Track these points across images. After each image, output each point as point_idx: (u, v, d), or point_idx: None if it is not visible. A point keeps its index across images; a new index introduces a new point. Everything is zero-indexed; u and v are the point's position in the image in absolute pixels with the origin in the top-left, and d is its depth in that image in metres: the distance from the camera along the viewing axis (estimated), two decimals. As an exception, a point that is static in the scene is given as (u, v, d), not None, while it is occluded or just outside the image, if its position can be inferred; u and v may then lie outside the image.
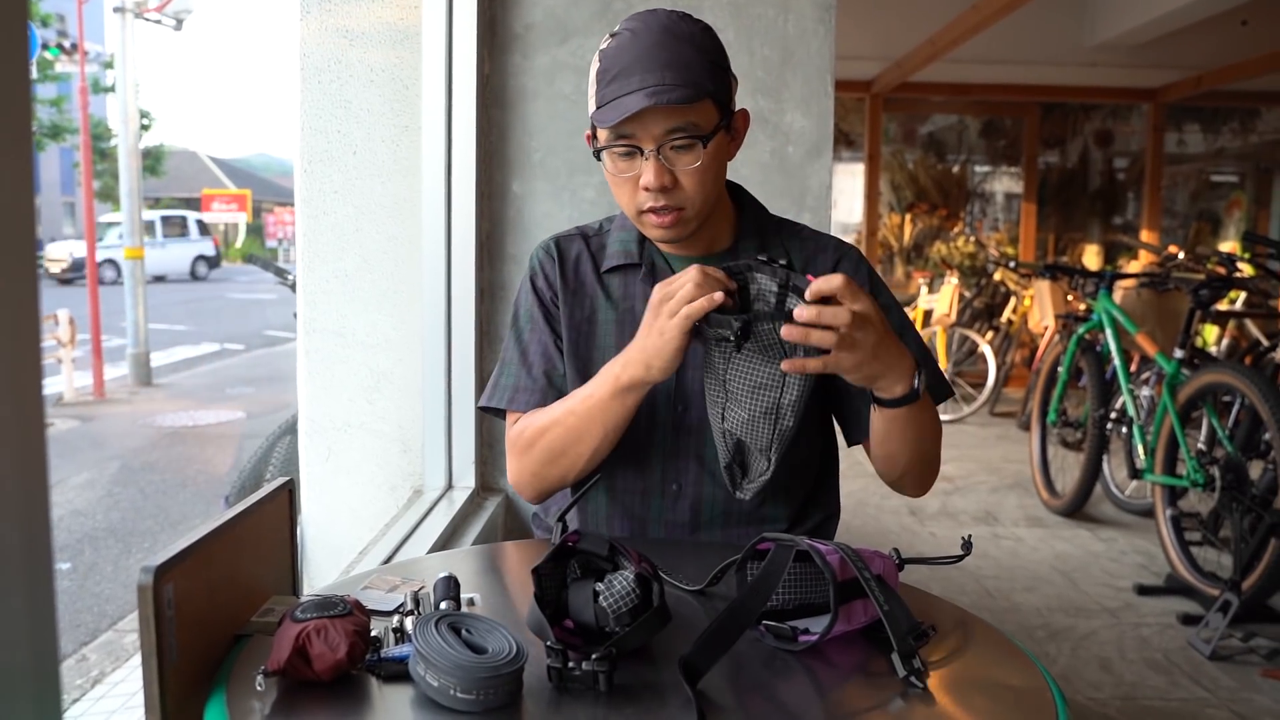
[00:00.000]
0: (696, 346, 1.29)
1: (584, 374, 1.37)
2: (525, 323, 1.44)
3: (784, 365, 1.14)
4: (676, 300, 1.16)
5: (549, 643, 0.89)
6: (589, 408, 1.29)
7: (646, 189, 1.28)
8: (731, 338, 1.14)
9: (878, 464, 1.36)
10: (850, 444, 1.44)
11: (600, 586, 0.96)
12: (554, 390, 1.39)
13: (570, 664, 0.88)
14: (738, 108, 1.35)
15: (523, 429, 1.38)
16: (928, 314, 7.40)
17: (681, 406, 1.37)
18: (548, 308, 1.43)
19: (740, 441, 1.25)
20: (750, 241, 1.40)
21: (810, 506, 1.45)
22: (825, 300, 1.11)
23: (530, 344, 1.42)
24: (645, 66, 1.23)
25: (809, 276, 1.12)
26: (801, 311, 1.10)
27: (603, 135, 1.29)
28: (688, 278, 1.16)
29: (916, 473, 1.36)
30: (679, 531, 1.39)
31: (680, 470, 1.37)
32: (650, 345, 1.21)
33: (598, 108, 1.28)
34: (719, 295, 1.14)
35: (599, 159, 1.32)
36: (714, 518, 1.39)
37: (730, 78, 1.33)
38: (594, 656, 0.88)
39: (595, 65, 1.30)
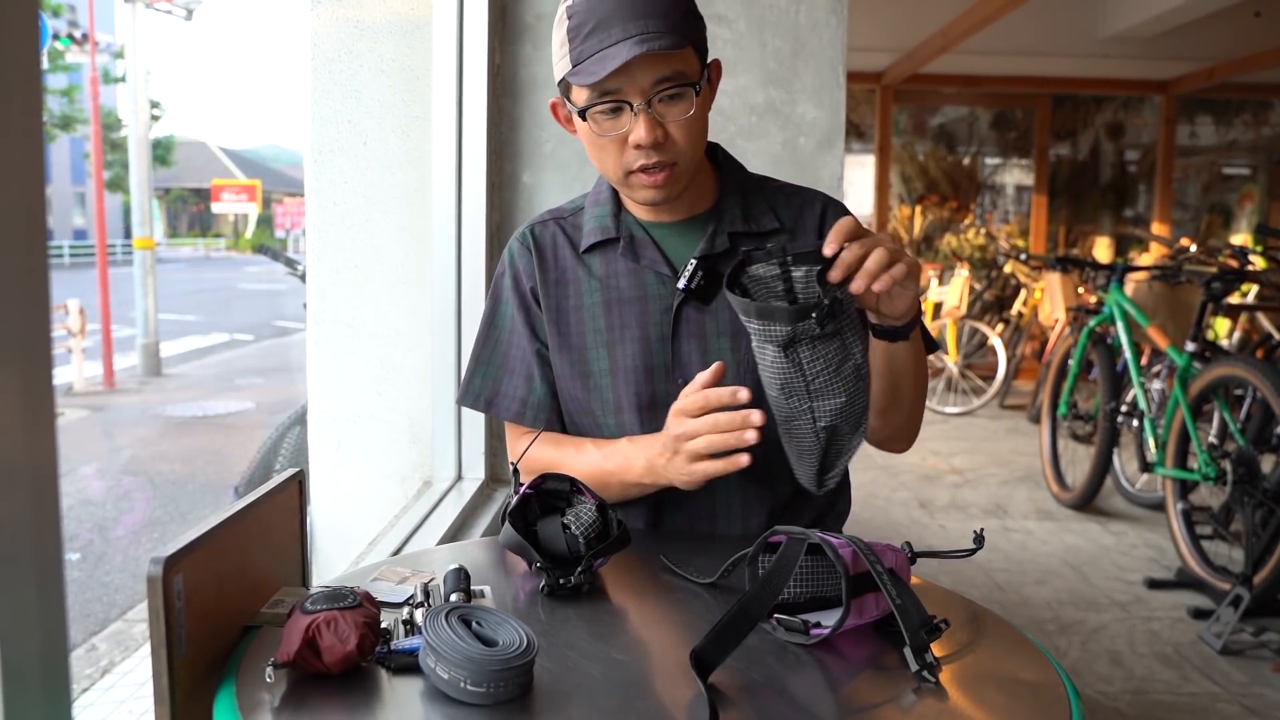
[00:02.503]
0: (686, 313, 1.30)
1: (579, 364, 1.34)
2: (505, 322, 1.40)
3: (876, 286, 1.06)
4: (696, 447, 1.17)
5: (537, 564, 1.08)
6: (604, 480, 1.28)
7: (639, 146, 1.21)
8: (817, 330, 1.06)
9: (876, 418, 1.29)
10: None
11: (569, 519, 1.11)
12: (535, 398, 1.37)
13: (561, 579, 1.06)
14: (712, 59, 1.29)
15: (534, 457, 1.35)
16: (938, 306, 7.39)
17: (682, 380, 1.31)
18: (529, 309, 1.38)
19: (833, 433, 1.16)
20: (732, 200, 1.35)
21: None
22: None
23: (511, 349, 1.39)
24: (624, 16, 1.16)
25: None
26: (846, 254, 1.05)
27: (581, 96, 1.22)
28: (705, 426, 1.16)
29: (912, 416, 1.34)
30: (697, 517, 1.35)
31: None
32: (668, 477, 1.23)
33: (574, 66, 1.20)
34: (744, 459, 1.15)
35: (581, 117, 1.23)
36: (730, 499, 1.34)
37: (704, 24, 1.27)
38: (579, 570, 1.07)
39: (564, 24, 1.22)
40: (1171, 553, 3.71)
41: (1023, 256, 6.81)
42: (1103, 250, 8.44)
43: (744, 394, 1.14)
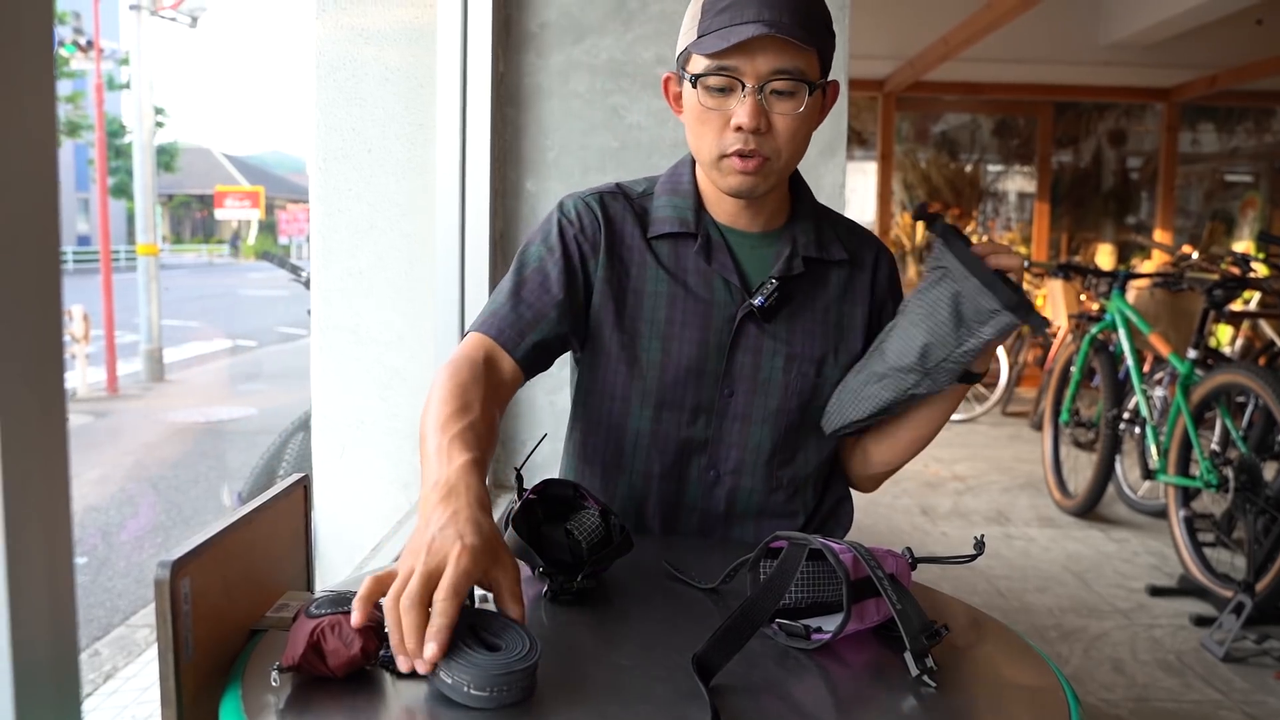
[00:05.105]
0: (748, 327, 1.31)
1: (630, 348, 1.31)
2: (529, 260, 1.32)
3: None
4: (439, 591, 0.87)
5: (539, 569, 1.08)
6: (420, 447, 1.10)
7: (739, 128, 1.21)
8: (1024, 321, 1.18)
9: (890, 453, 1.41)
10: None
11: (572, 525, 1.12)
12: (530, 336, 1.27)
13: (564, 585, 1.07)
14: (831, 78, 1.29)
15: (435, 379, 1.18)
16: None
17: (728, 391, 1.32)
18: (571, 264, 1.30)
19: (905, 399, 1.28)
20: (805, 223, 1.35)
21: (826, 493, 1.45)
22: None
23: (527, 283, 1.29)
24: (761, 2, 1.17)
25: None
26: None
27: (699, 66, 1.22)
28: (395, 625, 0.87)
29: (913, 457, 1.43)
30: (714, 522, 1.37)
31: (720, 458, 1.34)
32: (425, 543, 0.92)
33: (699, 36, 1.21)
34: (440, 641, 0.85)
35: (693, 84, 1.23)
36: (749, 509, 1.36)
37: (834, 45, 1.27)
38: (581, 576, 1.08)
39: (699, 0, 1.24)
40: (1174, 560, 3.71)
41: (1025, 264, 6.82)
42: (1105, 257, 8.44)
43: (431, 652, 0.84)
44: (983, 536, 1.13)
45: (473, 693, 0.82)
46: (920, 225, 1.31)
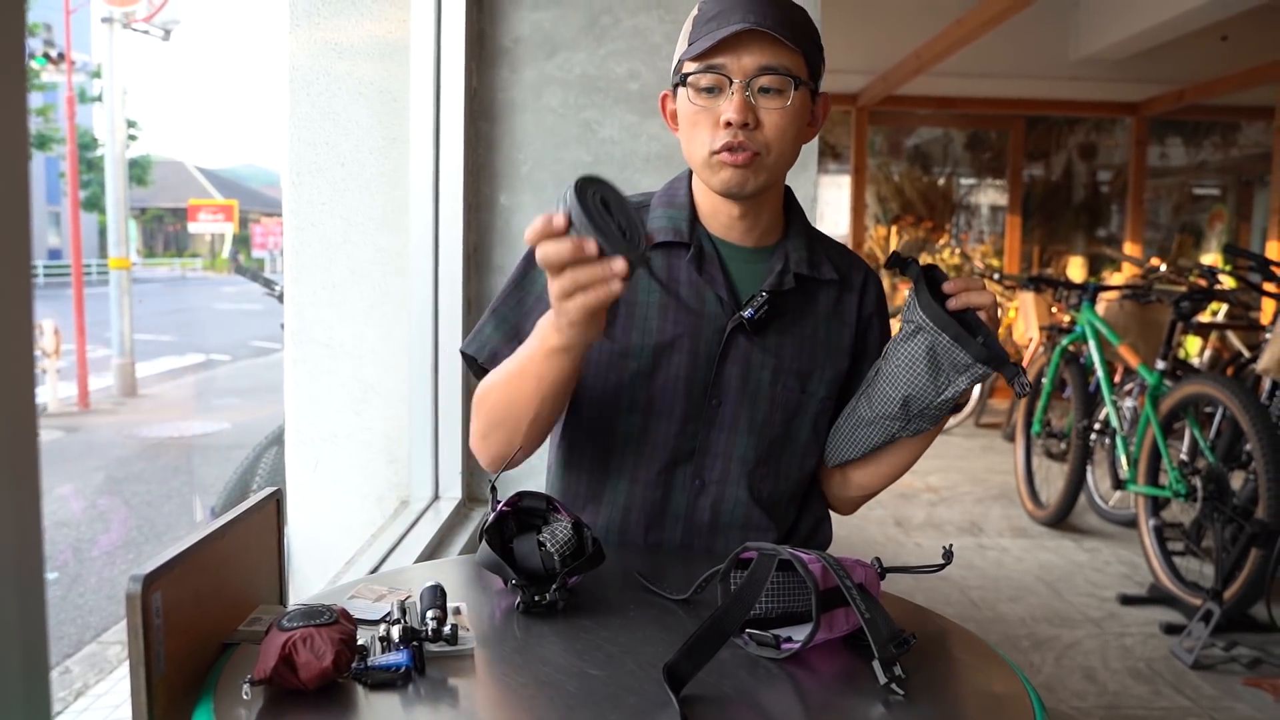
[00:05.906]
0: (737, 339, 1.33)
1: (621, 356, 1.33)
2: (535, 288, 1.35)
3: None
4: (574, 283, 1.04)
5: (512, 581, 1.09)
6: (524, 367, 1.21)
7: (728, 123, 1.24)
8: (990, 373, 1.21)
9: (869, 478, 1.42)
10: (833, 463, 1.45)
11: (544, 536, 1.13)
12: None
13: (536, 597, 1.08)
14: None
15: (480, 388, 1.33)
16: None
17: (716, 400, 1.34)
18: None
19: (892, 441, 1.34)
20: (799, 242, 1.38)
21: (804, 512, 1.46)
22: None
23: (533, 314, 1.31)
24: (747, 7, 1.23)
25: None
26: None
27: (688, 69, 1.27)
28: (571, 282, 1.04)
29: (891, 483, 1.44)
30: (697, 532, 1.37)
31: (706, 467, 1.35)
32: (554, 325, 1.14)
33: (690, 45, 1.26)
34: (617, 287, 1.03)
35: (682, 83, 1.28)
36: (732, 520, 1.37)
37: (822, 59, 1.32)
38: (554, 587, 1.08)
39: (692, 15, 1.29)
40: (1144, 569, 3.75)
41: (996, 276, 6.88)
42: (1076, 270, 8.52)
43: (591, 246, 1.01)
44: (951, 546, 1.15)
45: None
46: (898, 248, 1.33)
